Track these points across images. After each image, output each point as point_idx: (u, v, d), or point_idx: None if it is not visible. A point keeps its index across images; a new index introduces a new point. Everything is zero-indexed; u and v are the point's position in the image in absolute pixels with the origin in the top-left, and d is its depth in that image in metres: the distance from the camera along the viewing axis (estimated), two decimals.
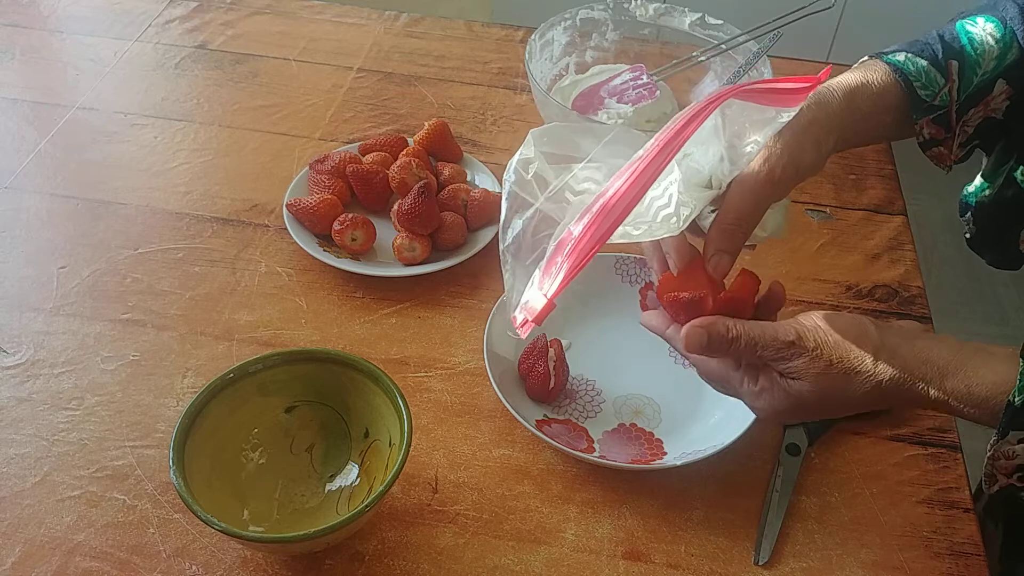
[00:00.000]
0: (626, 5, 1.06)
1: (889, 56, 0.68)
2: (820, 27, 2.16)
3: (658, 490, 0.72)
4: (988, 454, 0.57)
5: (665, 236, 0.57)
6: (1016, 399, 0.54)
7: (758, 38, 0.99)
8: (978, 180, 0.75)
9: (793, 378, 0.58)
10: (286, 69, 1.14)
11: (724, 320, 0.58)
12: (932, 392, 0.56)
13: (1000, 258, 0.77)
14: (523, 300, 0.55)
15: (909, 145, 0.74)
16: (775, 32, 0.97)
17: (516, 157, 0.58)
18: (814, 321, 0.58)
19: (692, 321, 0.59)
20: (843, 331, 0.58)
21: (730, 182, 0.59)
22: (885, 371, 0.56)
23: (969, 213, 0.76)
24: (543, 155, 0.58)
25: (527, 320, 0.54)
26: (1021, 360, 0.55)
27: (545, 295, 0.53)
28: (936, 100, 0.67)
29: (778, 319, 0.62)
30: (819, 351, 0.57)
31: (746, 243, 0.61)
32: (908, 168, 1.07)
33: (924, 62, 0.67)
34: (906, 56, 0.67)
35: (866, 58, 0.70)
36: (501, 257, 0.57)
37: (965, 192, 0.76)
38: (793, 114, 0.57)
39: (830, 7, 0.95)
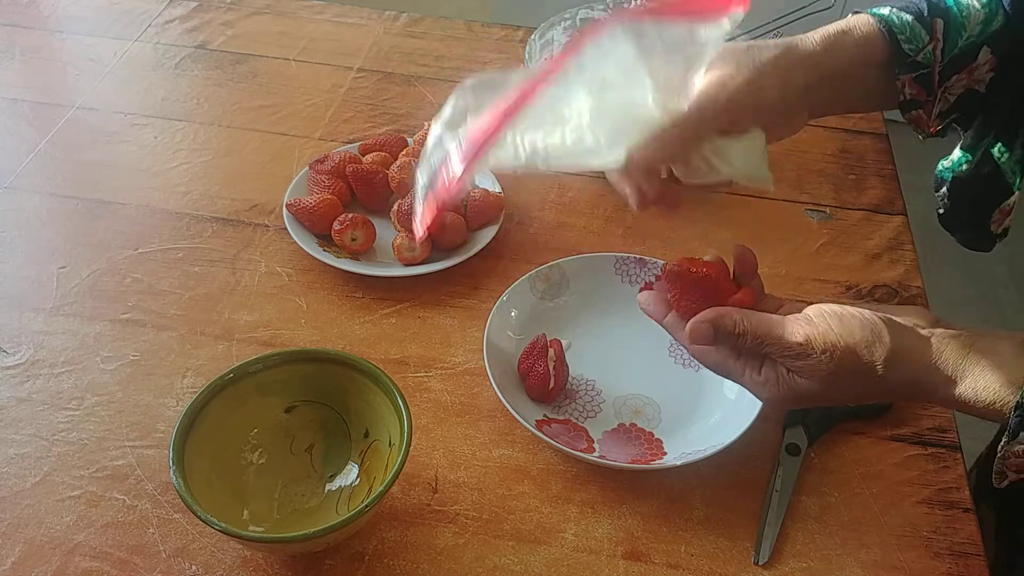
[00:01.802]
0: (625, 5, 1.06)
1: (873, 9, 0.67)
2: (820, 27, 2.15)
3: (658, 490, 0.72)
4: (999, 454, 0.57)
5: (611, 167, 0.59)
6: None
7: (758, 38, 0.99)
8: (957, 153, 0.73)
9: (800, 376, 0.57)
10: (286, 69, 1.14)
11: (731, 314, 0.58)
12: (940, 396, 0.56)
13: (973, 238, 0.76)
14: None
15: (909, 145, 0.74)
16: (775, 32, 0.97)
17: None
18: (826, 321, 0.57)
19: (697, 316, 0.59)
20: (854, 336, 0.56)
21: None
22: (894, 377, 0.56)
23: (944, 188, 0.75)
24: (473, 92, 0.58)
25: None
26: None
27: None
28: (920, 56, 0.66)
29: (783, 306, 0.62)
30: (828, 355, 0.56)
31: (711, 180, 0.61)
32: (908, 168, 1.07)
33: (909, 17, 0.66)
34: (891, 10, 0.67)
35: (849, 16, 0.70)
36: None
37: (941, 167, 0.75)
38: (717, 31, 0.57)
39: (830, 7, 0.95)
